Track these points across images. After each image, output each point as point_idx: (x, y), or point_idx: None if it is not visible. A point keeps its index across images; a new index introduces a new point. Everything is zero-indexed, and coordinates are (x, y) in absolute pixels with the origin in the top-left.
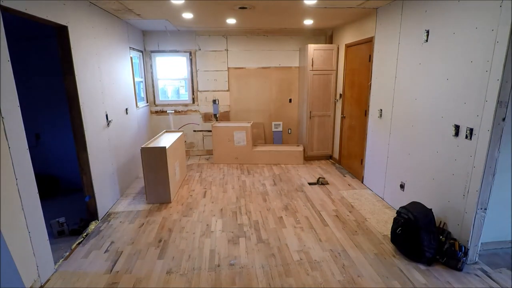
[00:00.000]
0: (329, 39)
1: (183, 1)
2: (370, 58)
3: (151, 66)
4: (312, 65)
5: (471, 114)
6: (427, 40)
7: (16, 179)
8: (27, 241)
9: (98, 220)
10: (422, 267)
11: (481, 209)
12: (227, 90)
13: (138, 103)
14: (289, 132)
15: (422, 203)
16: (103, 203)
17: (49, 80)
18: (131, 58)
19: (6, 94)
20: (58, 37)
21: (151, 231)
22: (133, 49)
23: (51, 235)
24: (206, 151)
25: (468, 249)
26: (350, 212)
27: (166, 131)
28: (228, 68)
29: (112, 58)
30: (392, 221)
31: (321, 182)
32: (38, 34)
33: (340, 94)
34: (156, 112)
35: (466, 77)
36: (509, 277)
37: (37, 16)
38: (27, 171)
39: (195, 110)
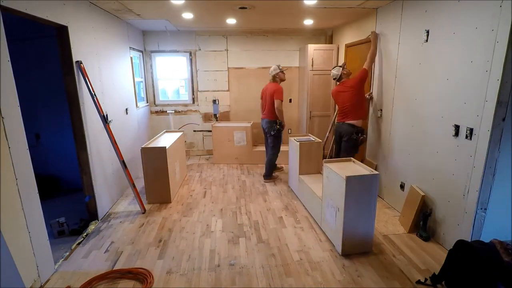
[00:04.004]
0: (329, 39)
1: (183, 1)
2: None
3: (151, 66)
4: (312, 65)
5: (471, 114)
6: (427, 40)
7: (16, 179)
8: (27, 241)
9: (98, 220)
10: (422, 267)
11: (481, 209)
12: (227, 90)
13: (138, 103)
14: (289, 132)
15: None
16: (103, 203)
17: (49, 80)
18: (131, 58)
19: (6, 94)
20: (58, 37)
21: (151, 231)
22: (133, 49)
23: (51, 235)
24: (206, 151)
25: None
26: None
27: (166, 131)
28: (228, 68)
29: (112, 58)
30: (391, 221)
31: None
32: (38, 34)
33: None
34: (156, 112)
35: (466, 77)
36: None
37: (37, 16)
38: (27, 171)
39: (195, 110)
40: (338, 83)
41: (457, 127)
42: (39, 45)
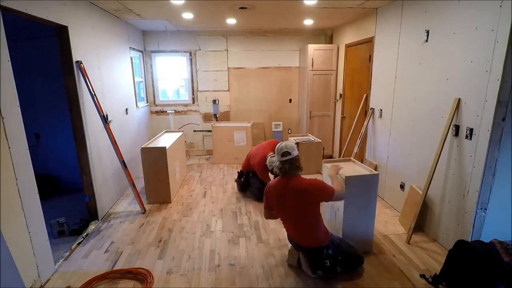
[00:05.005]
0: (329, 39)
1: (183, 1)
2: (370, 58)
3: (151, 66)
4: (312, 65)
5: (471, 114)
6: (427, 40)
7: (16, 179)
8: (27, 241)
9: (98, 220)
10: (422, 267)
11: (481, 209)
12: (227, 90)
13: (138, 103)
14: (289, 132)
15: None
16: (103, 203)
17: (49, 80)
18: (131, 58)
19: (6, 94)
20: (58, 37)
21: (151, 231)
22: (133, 49)
23: (51, 235)
24: (206, 151)
25: None
26: None
27: (166, 131)
28: (228, 68)
29: (112, 58)
30: (391, 221)
31: None
32: (38, 34)
33: (340, 94)
34: (156, 112)
35: (466, 77)
36: None
37: (37, 16)
38: (27, 171)
39: (195, 110)
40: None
41: (457, 127)
42: (39, 45)
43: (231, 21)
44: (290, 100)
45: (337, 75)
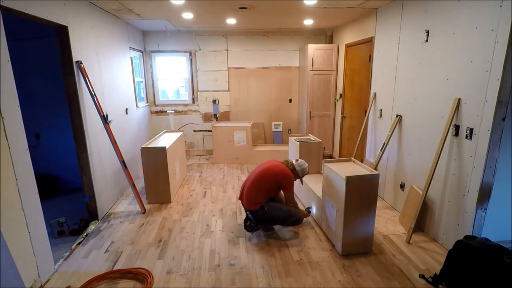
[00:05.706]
0: (329, 39)
1: (183, 1)
2: (370, 58)
3: (151, 66)
4: (312, 65)
5: (471, 114)
6: (427, 40)
7: (16, 179)
8: (27, 241)
9: (98, 220)
10: (422, 267)
11: (481, 209)
12: (227, 90)
13: (138, 103)
14: (289, 132)
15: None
16: (103, 203)
17: (49, 80)
18: (131, 58)
19: (6, 94)
20: (58, 37)
21: (151, 231)
22: (133, 49)
23: (51, 235)
24: (206, 151)
25: None
26: None
27: (166, 131)
28: (228, 68)
29: (112, 58)
30: (391, 221)
31: None
32: (38, 34)
33: (340, 94)
34: (156, 112)
35: (466, 77)
36: None
37: (37, 16)
38: (27, 171)
39: (195, 110)
40: None
41: (457, 127)
42: (39, 45)
43: (231, 21)
44: (290, 100)
45: (337, 75)
